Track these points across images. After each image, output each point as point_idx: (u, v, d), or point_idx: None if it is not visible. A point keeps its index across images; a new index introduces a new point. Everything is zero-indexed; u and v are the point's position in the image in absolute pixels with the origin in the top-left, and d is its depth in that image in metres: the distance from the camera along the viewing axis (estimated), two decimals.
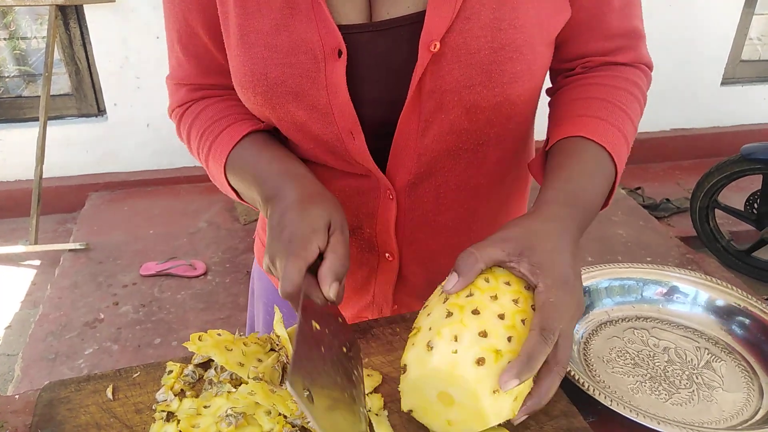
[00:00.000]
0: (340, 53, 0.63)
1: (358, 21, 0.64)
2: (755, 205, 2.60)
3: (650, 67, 0.77)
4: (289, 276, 0.57)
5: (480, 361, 0.52)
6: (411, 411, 0.58)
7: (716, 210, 2.70)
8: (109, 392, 0.63)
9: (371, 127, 0.68)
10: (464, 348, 0.52)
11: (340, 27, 0.63)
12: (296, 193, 0.65)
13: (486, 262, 0.57)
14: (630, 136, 0.70)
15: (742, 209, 2.65)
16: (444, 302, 0.56)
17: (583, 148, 0.67)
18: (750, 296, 0.79)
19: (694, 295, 0.81)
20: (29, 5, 2.81)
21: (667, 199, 3.08)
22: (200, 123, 0.75)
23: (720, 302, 0.80)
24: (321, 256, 0.60)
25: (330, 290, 0.58)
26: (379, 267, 0.80)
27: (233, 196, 0.76)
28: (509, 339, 0.54)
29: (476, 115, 0.67)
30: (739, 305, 0.79)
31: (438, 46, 0.61)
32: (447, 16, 0.60)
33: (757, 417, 0.67)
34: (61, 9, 2.75)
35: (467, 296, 0.56)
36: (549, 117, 0.75)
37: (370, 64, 0.65)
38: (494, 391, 0.52)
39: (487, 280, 0.57)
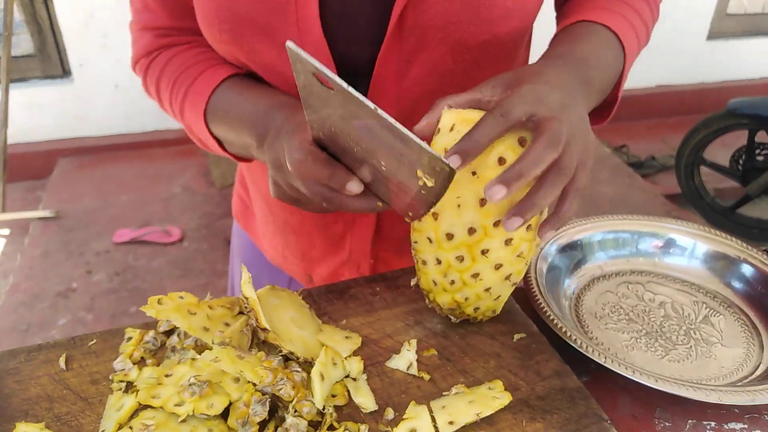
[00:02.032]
0: None
1: None
2: (740, 161, 2.59)
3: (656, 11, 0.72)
4: (294, 143, 0.54)
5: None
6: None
7: (701, 167, 2.69)
8: (62, 362, 0.58)
9: (347, 69, 0.63)
10: None
11: None
12: (287, 118, 0.59)
13: (454, 102, 0.52)
14: (638, 27, 0.66)
15: (727, 166, 2.65)
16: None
17: (585, 27, 0.63)
18: (750, 248, 0.75)
19: (692, 248, 0.77)
20: None
21: (652, 157, 3.07)
22: (171, 71, 0.70)
23: (718, 254, 0.76)
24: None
25: None
26: (355, 221, 0.76)
27: (215, 148, 0.70)
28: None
29: (462, 55, 0.61)
30: (738, 257, 0.75)
31: None
32: None
33: (758, 373, 0.64)
34: None
35: None
36: (556, 23, 0.70)
37: (345, 7, 0.60)
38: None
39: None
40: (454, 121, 0.52)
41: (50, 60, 2.87)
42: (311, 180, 0.53)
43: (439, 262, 0.57)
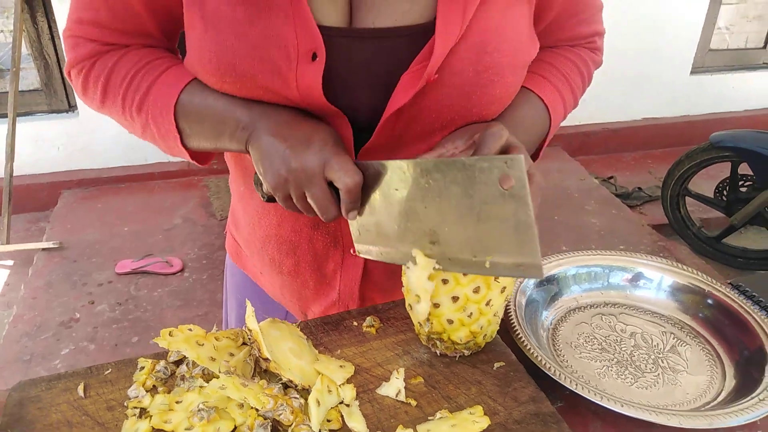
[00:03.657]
0: (314, 56, 0.60)
1: (337, 24, 0.62)
2: (724, 193, 2.65)
3: (601, 57, 0.85)
4: (350, 167, 0.60)
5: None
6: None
7: (687, 198, 2.74)
8: (80, 390, 0.62)
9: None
10: None
11: (321, 28, 0.60)
12: (321, 128, 0.63)
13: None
14: (567, 98, 0.78)
15: (712, 197, 2.70)
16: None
17: (525, 94, 0.74)
18: (714, 281, 0.81)
19: (659, 281, 0.83)
20: None
21: (639, 188, 3.13)
22: (126, 66, 0.67)
23: (685, 287, 0.82)
24: None
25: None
26: (344, 263, 0.80)
27: (171, 143, 0.68)
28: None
29: (449, 129, 0.67)
30: (703, 289, 0.81)
31: (436, 75, 0.61)
32: (449, 44, 0.60)
33: (719, 399, 0.69)
34: (28, 2, 2.69)
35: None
36: None
37: (351, 70, 0.63)
38: None
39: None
40: None
41: (56, 95, 2.95)
42: (327, 199, 0.61)
43: (455, 299, 0.63)
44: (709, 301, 0.80)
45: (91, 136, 2.97)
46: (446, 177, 0.56)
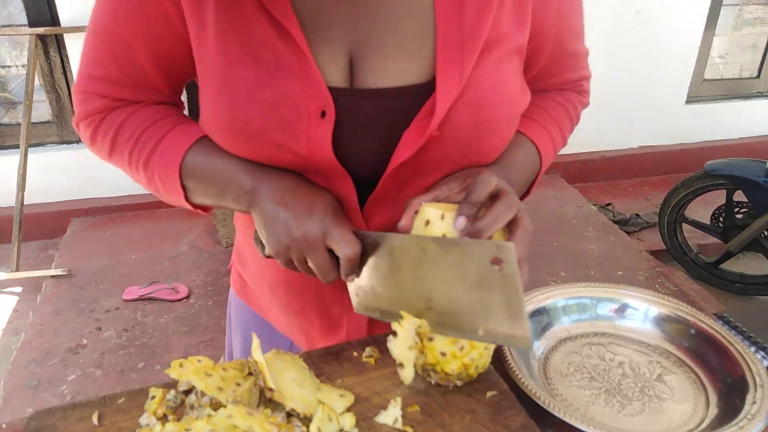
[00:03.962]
0: (323, 114, 0.64)
1: (339, 84, 0.65)
2: (720, 219, 2.68)
3: (588, 99, 0.89)
4: (350, 238, 0.65)
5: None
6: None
7: (684, 224, 2.77)
8: (94, 419, 0.65)
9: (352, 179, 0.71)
10: None
11: (330, 88, 0.64)
12: (322, 196, 0.67)
13: (425, 199, 0.66)
14: (557, 139, 0.83)
15: (709, 223, 2.73)
16: None
17: (517, 138, 0.78)
18: (697, 311, 0.85)
19: (645, 311, 0.87)
20: (8, 34, 2.83)
21: (637, 214, 3.16)
22: (135, 124, 0.70)
23: (669, 317, 0.85)
24: None
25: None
26: (351, 306, 0.81)
27: (175, 198, 0.72)
28: None
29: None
30: (687, 320, 0.84)
31: (437, 132, 0.64)
32: (450, 102, 0.64)
33: (703, 426, 0.71)
34: (41, 38, 2.78)
35: None
36: None
37: (356, 127, 0.67)
38: None
39: None
40: (440, 211, 0.64)
41: (67, 126, 3.02)
42: (328, 264, 0.66)
43: None
44: (694, 331, 0.83)
45: (100, 166, 2.97)
46: (442, 252, 0.62)
